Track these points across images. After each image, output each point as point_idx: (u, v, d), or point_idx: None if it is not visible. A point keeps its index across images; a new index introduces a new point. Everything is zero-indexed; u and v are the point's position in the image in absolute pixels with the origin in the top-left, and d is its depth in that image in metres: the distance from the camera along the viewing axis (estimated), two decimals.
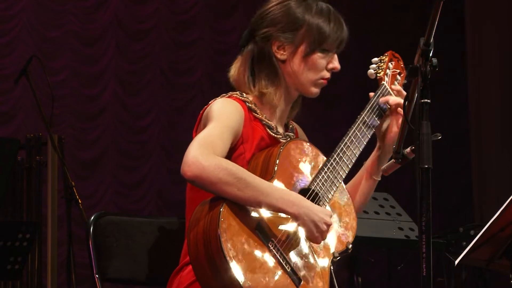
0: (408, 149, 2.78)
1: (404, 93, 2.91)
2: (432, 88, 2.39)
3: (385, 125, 2.91)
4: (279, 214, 2.60)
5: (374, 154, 2.93)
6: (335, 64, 2.85)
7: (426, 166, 2.37)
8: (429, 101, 2.39)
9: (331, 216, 2.63)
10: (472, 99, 8.80)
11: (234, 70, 2.87)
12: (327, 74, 2.85)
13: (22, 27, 7.81)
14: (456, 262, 3.55)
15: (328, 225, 2.61)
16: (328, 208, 2.70)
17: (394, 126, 2.88)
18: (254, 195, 2.53)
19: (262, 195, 2.53)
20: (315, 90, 2.86)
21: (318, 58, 2.82)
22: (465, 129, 8.88)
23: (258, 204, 2.55)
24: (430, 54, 2.41)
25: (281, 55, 2.81)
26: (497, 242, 3.45)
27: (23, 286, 5.45)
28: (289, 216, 2.60)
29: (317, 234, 2.60)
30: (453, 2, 8.71)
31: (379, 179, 2.94)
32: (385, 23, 8.99)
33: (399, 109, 2.85)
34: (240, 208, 2.55)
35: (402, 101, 2.83)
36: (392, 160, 2.84)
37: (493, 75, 8.62)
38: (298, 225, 2.60)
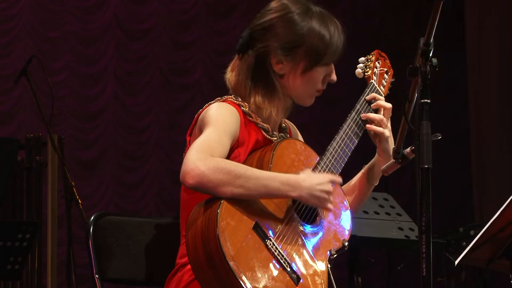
0: (408, 149, 2.77)
1: (383, 118, 2.89)
2: (432, 88, 2.39)
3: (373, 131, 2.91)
4: (277, 211, 2.62)
5: (374, 159, 2.95)
6: (333, 76, 2.85)
7: (426, 166, 2.37)
8: (429, 101, 2.39)
9: (330, 181, 2.65)
10: (472, 99, 8.79)
11: (231, 75, 2.84)
12: (323, 87, 2.85)
13: (22, 27, 7.81)
14: (456, 262, 3.55)
15: (328, 192, 2.63)
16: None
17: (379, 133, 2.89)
18: (256, 188, 2.55)
19: (263, 187, 2.56)
20: (310, 101, 2.88)
21: (317, 72, 2.81)
22: (465, 129, 8.88)
23: (261, 196, 2.58)
24: (430, 54, 2.41)
25: (279, 69, 2.80)
26: (497, 242, 3.45)
27: (23, 286, 5.45)
28: (294, 199, 2.63)
29: (324, 203, 2.64)
30: (453, 2, 8.71)
31: (376, 183, 2.95)
32: (385, 23, 8.99)
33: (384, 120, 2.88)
34: (238, 207, 2.55)
35: (382, 117, 2.86)
36: (392, 160, 2.85)
37: (493, 75, 8.62)
38: (305, 203, 2.64)
